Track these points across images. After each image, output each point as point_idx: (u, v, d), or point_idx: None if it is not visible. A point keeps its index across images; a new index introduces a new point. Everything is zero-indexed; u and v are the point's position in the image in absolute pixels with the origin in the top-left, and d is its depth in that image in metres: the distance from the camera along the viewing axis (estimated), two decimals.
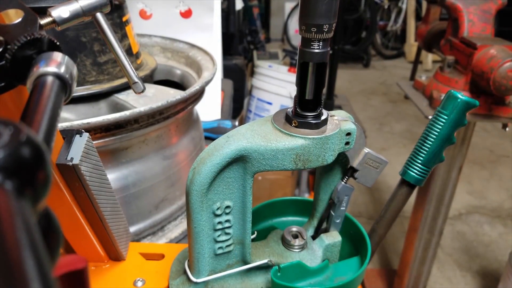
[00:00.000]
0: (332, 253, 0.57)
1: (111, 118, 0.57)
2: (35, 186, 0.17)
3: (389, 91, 3.81)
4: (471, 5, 1.17)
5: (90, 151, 0.45)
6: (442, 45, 1.30)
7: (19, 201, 0.16)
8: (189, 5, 1.30)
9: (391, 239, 1.90)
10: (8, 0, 0.32)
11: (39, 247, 0.15)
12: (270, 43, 4.98)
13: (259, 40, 3.48)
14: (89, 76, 0.72)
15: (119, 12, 0.75)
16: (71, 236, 0.51)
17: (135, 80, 0.44)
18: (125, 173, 0.68)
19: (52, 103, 0.26)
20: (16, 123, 0.17)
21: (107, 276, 0.55)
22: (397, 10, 4.43)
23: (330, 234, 0.58)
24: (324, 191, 0.56)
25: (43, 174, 0.18)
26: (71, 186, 0.44)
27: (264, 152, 0.38)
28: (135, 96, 0.75)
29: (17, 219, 0.15)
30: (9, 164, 0.16)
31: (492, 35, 1.18)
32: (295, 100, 0.37)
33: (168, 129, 0.74)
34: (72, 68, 0.30)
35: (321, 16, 0.31)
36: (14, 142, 0.16)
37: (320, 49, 0.33)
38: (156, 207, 0.75)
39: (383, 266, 1.74)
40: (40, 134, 0.23)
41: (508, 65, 0.99)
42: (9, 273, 0.13)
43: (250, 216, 0.48)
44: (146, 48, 1.02)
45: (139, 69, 0.84)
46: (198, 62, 0.91)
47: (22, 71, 0.30)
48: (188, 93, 0.67)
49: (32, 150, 0.17)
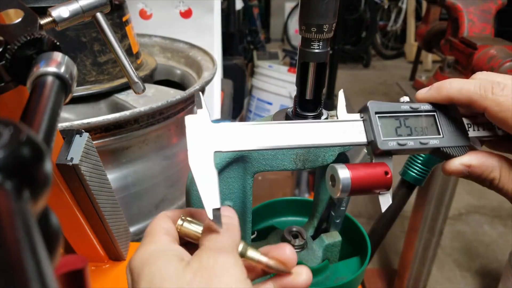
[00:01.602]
0: (332, 253, 0.57)
1: (111, 118, 0.57)
2: (35, 186, 0.17)
3: (389, 91, 3.81)
4: (471, 5, 1.17)
5: (90, 151, 0.45)
6: (442, 45, 1.30)
7: (19, 201, 0.16)
8: (189, 5, 1.30)
9: (391, 239, 1.90)
10: (8, 0, 0.32)
11: (39, 247, 0.15)
12: (270, 43, 4.98)
13: (259, 40, 3.48)
14: (89, 76, 0.72)
15: (119, 12, 0.75)
16: (71, 236, 0.51)
17: (135, 80, 0.44)
18: (125, 173, 0.68)
19: (52, 103, 0.26)
20: (16, 123, 0.17)
21: (107, 276, 0.55)
22: (397, 10, 4.43)
23: (330, 234, 0.58)
24: (324, 191, 0.56)
25: (43, 174, 0.18)
26: (71, 186, 0.44)
27: (264, 152, 0.38)
28: (135, 96, 0.75)
29: (17, 219, 0.15)
30: (9, 164, 0.16)
31: (492, 35, 1.18)
32: (295, 100, 0.37)
33: (168, 129, 0.74)
34: (72, 68, 0.30)
35: (321, 16, 0.31)
36: (14, 142, 0.16)
37: (320, 49, 0.33)
38: (156, 207, 0.75)
39: (383, 266, 1.74)
40: (40, 134, 0.23)
41: (508, 65, 0.99)
42: (9, 273, 0.13)
43: (250, 216, 0.48)
44: (146, 48, 1.02)
45: (139, 69, 0.84)
46: (198, 62, 0.91)
47: (22, 71, 0.30)
48: (188, 93, 0.68)
49: (32, 150, 0.17)
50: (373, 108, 0.29)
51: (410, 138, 0.29)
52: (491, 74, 0.30)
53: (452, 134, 0.30)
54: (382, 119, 0.29)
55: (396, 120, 0.30)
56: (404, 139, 0.29)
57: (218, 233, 0.26)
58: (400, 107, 0.30)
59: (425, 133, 0.30)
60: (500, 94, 0.28)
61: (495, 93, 0.28)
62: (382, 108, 0.29)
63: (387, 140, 0.29)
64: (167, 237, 0.28)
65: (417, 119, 0.30)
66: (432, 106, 0.30)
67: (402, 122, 0.30)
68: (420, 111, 0.30)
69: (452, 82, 0.30)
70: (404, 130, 0.30)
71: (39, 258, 0.14)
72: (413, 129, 0.30)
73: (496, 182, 0.30)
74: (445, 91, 0.30)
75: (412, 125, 0.30)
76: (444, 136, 0.30)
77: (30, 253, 0.14)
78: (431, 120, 0.30)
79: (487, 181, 0.31)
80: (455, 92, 0.29)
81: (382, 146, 0.28)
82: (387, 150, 0.29)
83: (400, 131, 0.29)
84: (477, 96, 0.28)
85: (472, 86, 0.29)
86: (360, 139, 0.29)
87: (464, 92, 0.29)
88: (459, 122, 0.31)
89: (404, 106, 0.30)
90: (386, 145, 0.29)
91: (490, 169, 0.30)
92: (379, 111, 0.29)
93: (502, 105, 0.27)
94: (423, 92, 0.31)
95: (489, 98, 0.28)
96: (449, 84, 0.30)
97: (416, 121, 0.30)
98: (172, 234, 0.29)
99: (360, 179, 0.28)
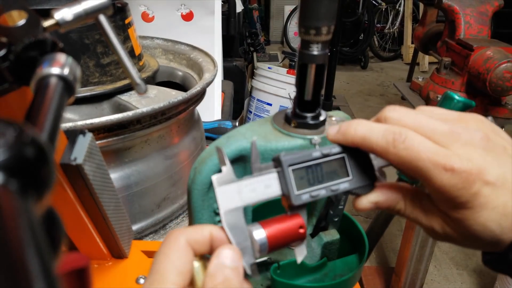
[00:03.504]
0: (331, 251, 0.58)
1: (114, 118, 0.58)
2: (39, 186, 0.17)
3: (386, 92, 3.82)
4: (467, 7, 1.18)
5: (93, 151, 0.45)
6: (438, 47, 1.31)
7: (23, 201, 0.16)
8: (191, 8, 1.31)
9: (388, 237, 1.91)
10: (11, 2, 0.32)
11: (42, 246, 0.15)
12: (270, 45, 4.99)
13: (259, 42, 3.49)
14: (92, 78, 0.73)
15: (121, 15, 0.76)
16: (74, 235, 0.52)
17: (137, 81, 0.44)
18: (128, 172, 0.69)
19: (55, 104, 0.27)
20: (20, 123, 0.17)
21: (109, 273, 0.56)
22: (395, 12, 4.45)
23: (329, 232, 0.59)
24: None
25: (47, 174, 0.18)
26: (75, 186, 0.44)
27: (264, 152, 0.39)
28: (137, 97, 0.76)
29: (21, 218, 0.15)
30: (13, 164, 0.16)
31: (488, 36, 1.19)
32: (294, 101, 0.38)
33: (170, 129, 0.75)
34: (75, 69, 0.30)
35: (320, 19, 0.31)
36: (18, 143, 0.16)
37: (319, 51, 0.33)
38: (158, 206, 0.75)
39: (380, 264, 1.75)
40: (44, 134, 0.23)
41: (504, 67, 1.00)
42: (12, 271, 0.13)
43: (251, 215, 0.49)
44: (148, 50, 1.03)
45: (142, 70, 0.85)
46: (199, 63, 0.92)
47: (26, 72, 0.30)
48: (189, 94, 0.68)
49: (36, 150, 0.17)
50: (286, 161, 0.28)
51: (321, 187, 0.29)
52: (402, 114, 0.28)
53: (360, 173, 0.30)
54: (295, 171, 0.29)
55: (308, 169, 0.29)
56: (316, 189, 0.29)
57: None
58: (312, 154, 0.29)
59: (335, 177, 0.30)
60: (402, 147, 0.26)
61: (396, 146, 0.26)
62: (295, 159, 0.29)
63: (300, 194, 0.28)
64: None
65: (327, 164, 0.30)
66: (341, 148, 0.30)
67: (314, 170, 0.29)
68: (330, 155, 0.29)
69: (358, 128, 0.28)
70: (316, 178, 0.29)
71: (42, 257, 0.14)
72: (324, 175, 0.29)
73: (402, 212, 0.30)
74: (350, 137, 0.29)
75: (324, 171, 0.29)
76: (353, 178, 0.30)
77: (33, 252, 0.14)
78: (341, 162, 0.30)
79: (395, 212, 0.31)
80: (359, 140, 0.28)
81: (295, 202, 0.28)
82: (301, 204, 0.29)
83: (312, 180, 0.29)
84: (379, 148, 0.27)
85: (375, 136, 0.27)
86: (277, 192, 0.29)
87: (367, 143, 0.28)
88: (366, 159, 0.30)
89: (315, 153, 0.29)
90: (299, 200, 0.28)
91: (395, 203, 0.30)
92: (292, 163, 0.28)
93: (403, 160, 0.26)
94: (332, 133, 0.30)
95: (390, 152, 0.26)
96: (354, 130, 0.28)
97: (327, 166, 0.29)
98: (185, 282, 0.25)
99: (276, 238, 0.28)
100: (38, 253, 0.14)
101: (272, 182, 0.28)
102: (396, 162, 0.27)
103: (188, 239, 0.26)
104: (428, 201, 0.29)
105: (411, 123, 0.27)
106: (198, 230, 0.26)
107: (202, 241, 0.26)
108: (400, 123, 0.28)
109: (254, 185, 0.28)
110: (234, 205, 0.27)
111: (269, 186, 0.28)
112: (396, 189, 0.31)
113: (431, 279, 1.69)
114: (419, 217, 0.30)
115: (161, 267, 0.24)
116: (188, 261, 0.25)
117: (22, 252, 0.14)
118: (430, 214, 0.29)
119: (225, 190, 0.27)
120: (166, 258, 0.25)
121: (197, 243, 0.26)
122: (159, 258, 0.25)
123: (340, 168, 0.30)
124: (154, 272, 0.24)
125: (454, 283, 1.68)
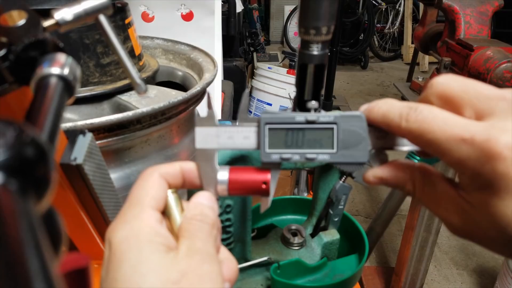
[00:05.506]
0: (331, 251, 0.58)
1: (114, 118, 0.58)
2: (39, 186, 0.17)
3: (386, 92, 3.82)
4: (467, 7, 1.18)
5: (94, 151, 0.45)
6: (438, 47, 1.31)
7: (23, 200, 0.16)
8: (191, 8, 1.31)
9: (388, 237, 1.91)
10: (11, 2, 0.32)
11: (42, 246, 0.15)
12: (270, 45, 5.00)
13: (259, 42, 3.50)
14: (92, 77, 0.73)
15: (121, 15, 0.76)
16: (74, 235, 0.52)
17: (137, 81, 0.44)
18: (128, 172, 0.69)
19: (55, 104, 0.27)
20: (21, 123, 0.17)
21: None
22: (395, 12, 4.46)
23: (329, 232, 0.59)
24: (323, 190, 0.57)
25: (47, 174, 0.18)
26: (75, 186, 0.44)
27: None
28: (137, 97, 0.76)
29: (21, 218, 0.15)
30: (13, 164, 0.16)
31: (488, 36, 1.19)
32: (294, 101, 0.38)
33: (170, 129, 0.75)
34: (75, 69, 0.31)
35: (320, 19, 0.31)
36: (18, 143, 0.16)
37: (319, 51, 0.33)
38: None
39: (380, 264, 1.75)
40: (44, 134, 0.23)
41: (504, 66, 1.00)
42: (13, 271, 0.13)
43: (250, 215, 0.49)
44: (148, 50, 1.03)
45: (142, 70, 0.85)
46: (199, 63, 0.92)
47: (26, 72, 0.30)
48: (189, 94, 0.68)
49: (36, 150, 0.17)
50: (264, 119, 0.28)
51: (296, 152, 0.29)
52: (450, 78, 0.25)
53: (348, 150, 0.29)
54: (272, 130, 0.29)
55: (288, 131, 0.29)
56: (290, 153, 0.29)
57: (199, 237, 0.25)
58: (294, 118, 0.29)
59: (317, 146, 0.29)
60: (413, 120, 0.24)
61: (408, 120, 0.25)
62: (274, 119, 0.28)
63: (270, 152, 0.29)
64: (155, 213, 0.26)
65: (312, 131, 0.29)
66: (335, 119, 0.29)
67: (295, 134, 0.29)
68: (317, 123, 0.29)
69: (382, 106, 0.27)
70: (295, 143, 0.29)
71: (43, 257, 0.14)
72: (305, 142, 0.29)
73: (412, 194, 0.28)
74: (373, 115, 0.27)
75: (306, 137, 0.29)
76: (338, 152, 0.29)
77: (33, 252, 0.14)
78: (329, 133, 0.29)
79: (405, 192, 0.29)
80: (380, 118, 0.27)
81: (264, 159, 0.29)
82: (269, 162, 0.29)
83: (290, 143, 0.29)
84: (394, 124, 0.26)
85: (392, 113, 0.26)
86: (254, 145, 0.29)
87: (386, 120, 0.26)
88: (362, 138, 0.29)
89: (299, 117, 0.29)
90: (268, 158, 0.29)
91: (403, 182, 0.28)
92: (270, 121, 0.28)
93: (414, 134, 0.24)
94: (361, 110, 0.29)
95: (402, 128, 0.25)
96: (378, 108, 0.27)
97: (311, 134, 0.29)
98: (159, 207, 0.27)
99: (236, 183, 0.29)
100: (38, 253, 0.14)
101: (251, 135, 0.29)
102: (408, 137, 0.25)
103: (161, 172, 0.28)
104: (445, 186, 0.26)
105: (458, 86, 0.24)
106: (170, 164, 0.29)
107: (174, 173, 0.28)
108: (443, 87, 0.25)
109: (233, 133, 0.29)
110: (209, 146, 0.29)
111: (247, 138, 0.29)
112: (405, 168, 0.29)
113: (431, 279, 1.69)
114: (431, 204, 0.28)
115: (137, 194, 0.27)
116: (162, 190, 0.27)
117: (22, 252, 0.14)
118: (445, 201, 0.26)
119: (204, 131, 0.29)
120: (141, 187, 0.27)
121: (169, 175, 0.28)
122: (134, 188, 0.27)
123: (326, 138, 0.29)
124: (130, 198, 0.27)
125: (454, 283, 1.68)
